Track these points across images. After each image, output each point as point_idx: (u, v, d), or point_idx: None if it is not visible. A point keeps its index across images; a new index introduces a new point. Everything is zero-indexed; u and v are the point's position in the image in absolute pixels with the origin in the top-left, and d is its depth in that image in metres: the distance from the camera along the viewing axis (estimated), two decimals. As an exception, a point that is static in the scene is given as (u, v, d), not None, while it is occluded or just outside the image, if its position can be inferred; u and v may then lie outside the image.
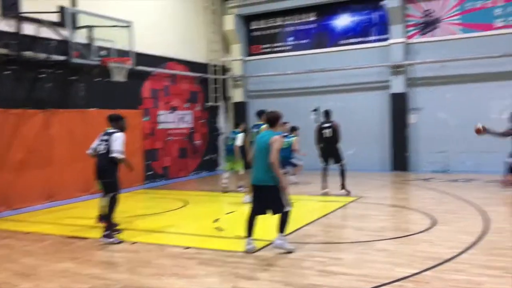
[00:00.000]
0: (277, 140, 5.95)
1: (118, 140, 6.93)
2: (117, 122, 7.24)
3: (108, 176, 7.01)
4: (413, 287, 4.77)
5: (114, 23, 11.32)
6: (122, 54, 11.59)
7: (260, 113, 10.13)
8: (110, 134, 7.05)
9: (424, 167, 14.23)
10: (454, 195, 10.02)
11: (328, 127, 10.46)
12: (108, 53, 11.45)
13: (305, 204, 9.72)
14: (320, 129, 10.56)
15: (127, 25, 11.55)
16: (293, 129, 12.16)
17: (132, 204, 10.43)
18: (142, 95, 13.34)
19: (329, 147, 10.46)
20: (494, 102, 13.46)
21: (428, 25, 14.19)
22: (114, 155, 6.88)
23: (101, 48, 11.40)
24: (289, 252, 5.98)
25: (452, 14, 13.86)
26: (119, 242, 6.79)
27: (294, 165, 12.07)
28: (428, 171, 14.01)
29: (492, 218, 7.66)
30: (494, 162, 13.35)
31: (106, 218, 7.03)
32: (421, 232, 6.99)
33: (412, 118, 14.41)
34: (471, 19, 13.60)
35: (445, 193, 10.37)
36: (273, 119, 6.23)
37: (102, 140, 7.12)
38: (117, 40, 11.44)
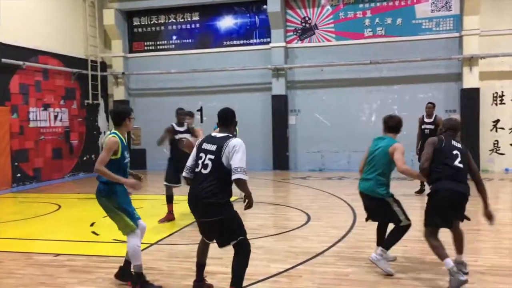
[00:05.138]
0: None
1: None
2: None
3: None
4: (286, 282, 4.99)
5: (-25, 9, 10.22)
6: (-15, 44, 10.51)
7: None
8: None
9: (302, 166, 14.97)
10: (328, 192, 10.67)
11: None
12: (-32, 42, 10.32)
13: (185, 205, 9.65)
14: None
15: (-9, 13, 10.50)
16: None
17: (-4, 210, 9.53)
18: (10, 90, 12.22)
19: None
20: (364, 105, 14.61)
21: (306, 31, 14.97)
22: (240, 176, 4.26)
23: (-41, 37, 10.23)
24: (389, 274, 5.07)
25: (327, 22, 14.76)
26: None
27: None
28: (306, 169, 14.77)
29: (358, 213, 8.27)
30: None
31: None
32: (296, 228, 7.33)
33: (292, 119, 15.09)
34: (344, 28, 14.61)
35: (320, 190, 11.00)
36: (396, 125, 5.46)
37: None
38: (-21, 28, 10.36)
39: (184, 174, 4.54)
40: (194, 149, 4.56)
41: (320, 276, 5.09)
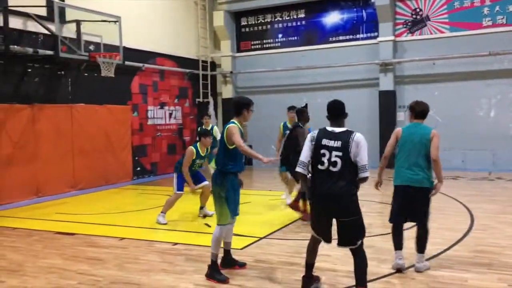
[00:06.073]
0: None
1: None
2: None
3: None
4: (399, 283, 4.84)
5: (103, 17, 11.24)
6: (111, 49, 11.51)
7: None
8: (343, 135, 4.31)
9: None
10: (441, 192, 10.10)
11: None
12: (97, 48, 11.39)
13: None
14: None
15: (116, 20, 11.46)
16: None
17: (120, 200, 10.43)
18: (131, 91, 13.28)
19: None
20: (481, 100, 13.60)
21: (417, 23, 14.29)
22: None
23: (89, 43, 11.33)
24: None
25: (440, 13, 13.96)
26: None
27: None
28: (416, 168, 14.12)
29: (476, 215, 7.76)
30: (480, 159, 13.53)
31: None
32: (407, 229, 7.04)
33: (400, 116, 14.52)
34: (459, 18, 13.71)
35: (432, 190, 10.45)
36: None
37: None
38: (105, 34, 11.37)
39: (299, 169, 4.37)
40: (309, 144, 4.33)
41: (435, 279, 4.87)
